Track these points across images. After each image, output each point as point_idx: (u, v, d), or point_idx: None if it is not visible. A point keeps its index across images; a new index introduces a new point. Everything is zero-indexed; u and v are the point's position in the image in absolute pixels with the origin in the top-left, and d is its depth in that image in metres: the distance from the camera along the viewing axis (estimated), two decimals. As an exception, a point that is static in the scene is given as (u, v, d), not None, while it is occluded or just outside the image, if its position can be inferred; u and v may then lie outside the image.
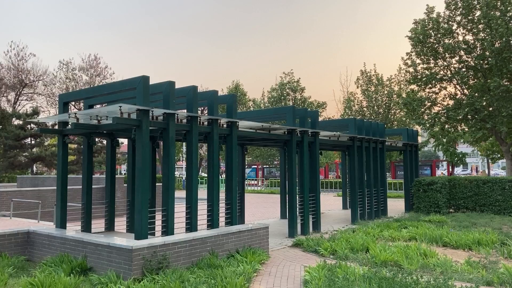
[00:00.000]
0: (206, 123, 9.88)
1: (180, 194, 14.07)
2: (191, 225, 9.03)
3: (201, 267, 7.68)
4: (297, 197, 12.81)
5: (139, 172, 8.06)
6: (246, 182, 46.64)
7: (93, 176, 12.04)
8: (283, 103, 39.08)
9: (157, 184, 11.94)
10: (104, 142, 29.06)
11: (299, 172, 13.24)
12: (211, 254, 8.25)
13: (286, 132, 12.53)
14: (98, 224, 11.25)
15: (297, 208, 12.72)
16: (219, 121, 9.99)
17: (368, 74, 37.66)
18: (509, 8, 19.84)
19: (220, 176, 19.54)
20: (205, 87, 43.38)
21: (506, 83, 20.54)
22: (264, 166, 52.77)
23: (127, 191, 11.34)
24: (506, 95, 20.19)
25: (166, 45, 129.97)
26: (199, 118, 9.51)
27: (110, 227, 11.09)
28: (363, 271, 6.99)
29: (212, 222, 9.58)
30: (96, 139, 12.19)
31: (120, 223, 11.77)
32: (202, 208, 9.93)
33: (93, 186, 11.13)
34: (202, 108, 21.26)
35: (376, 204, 16.81)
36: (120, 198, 17.08)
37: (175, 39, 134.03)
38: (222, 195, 10.48)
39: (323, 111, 41.30)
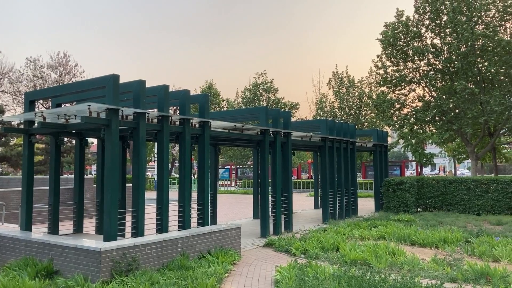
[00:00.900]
0: (177, 123, 9.78)
1: (152, 195, 13.89)
2: (161, 226, 8.92)
3: (171, 269, 7.60)
4: (270, 197, 12.87)
5: (109, 172, 7.90)
6: (219, 183, 46.61)
7: (61, 176, 11.72)
8: (256, 104, 39.18)
9: (127, 184, 11.76)
10: (73, 141, 28.40)
11: (271, 172, 13.30)
12: (182, 255, 8.17)
13: (259, 133, 12.56)
14: (66, 226, 10.96)
15: (270, 208, 12.79)
16: (191, 121, 9.91)
17: (340, 75, 38.23)
18: (474, 14, 20.56)
19: (192, 177, 19.39)
20: (178, 87, 43.00)
21: (471, 86, 21.25)
22: (238, 166, 52.72)
23: (96, 192, 11.10)
24: (471, 98, 20.89)
25: (141, 44, 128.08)
26: (170, 117, 9.41)
27: (78, 229, 10.83)
28: (333, 270, 7.09)
29: (184, 223, 9.50)
30: (65, 139, 11.89)
31: (89, 224, 11.50)
32: (174, 209, 9.84)
33: (61, 187, 10.83)
34: (174, 107, 21.07)
35: (347, 204, 17.07)
36: (90, 199, 16.70)
37: (149, 38, 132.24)
38: (195, 196, 10.43)
39: (296, 112, 41.65)
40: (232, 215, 18.69)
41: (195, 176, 28.50)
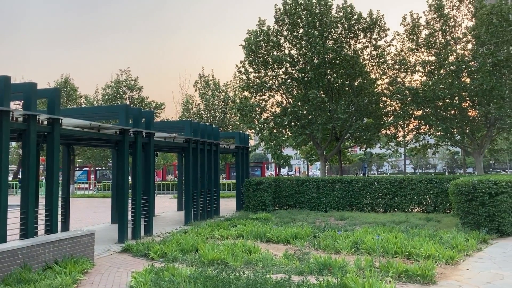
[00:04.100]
0: (21, 119, 8.72)
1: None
2: (-2, 236, 7.84)
3: (8, 284, 6.72)
4: (129, 200, 12.33)
5: None
6: (76, 186, 43.12)
7: None
8: (119, 102, 37.27)
9: None
10: None
11: (132, 174, 12.77)
12: (22, 267, 7.29)
13: (118, 132, 11.93)
14: None
15: (129, 212, 12.24)
16: (37, 117, 8.93)
17: (206, 78, 38.69)
18: (325, 29, 22.76)
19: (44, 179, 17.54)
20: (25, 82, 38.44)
21: (322, 95, 23.47)
22: (97, 168, 49.47)
23: None
24: (321, 106, 23.07)
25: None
26: (12, 113, 8.34)
27: None
28: (190, 271, 7.08)
29: (26, 231, 8.49)
30: None
31: None
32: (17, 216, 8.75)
33: None
34: (19, 102, 18.76)
35: (209, 205, 17.31)
36: None
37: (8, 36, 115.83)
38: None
39: (161, 112, 40.77)
40: (88, 221, 17.42)
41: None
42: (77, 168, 48.81)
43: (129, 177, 13.64)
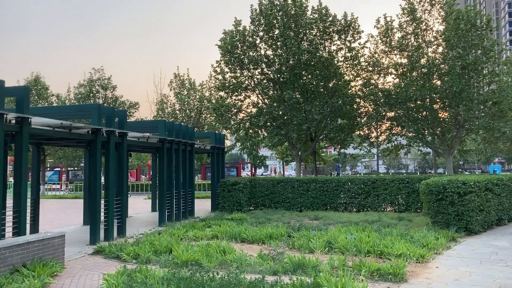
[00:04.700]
0: (-13, 118, 8.44)
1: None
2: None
3: (-27, 288, 6.49)
4: (102, 201, 12.11)
5: None
6: (47, 187, 42.00)
7: None
8: (92, 101, 36.54)
9: None
10: None
11: (105, 175, 12.54)
12: (-12, 271, 7.05)
13: (90, 132, 11.70)
14: None
15: (101, 213, 12.02)
16: (5, 116, 8.66)
17: (182, 78, 38.37)
18: (300, 31, 22.92)
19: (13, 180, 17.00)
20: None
21: (297, 95, 23.62)
22: (69, 168, 48.35)
23: None
24: (297, 106, 23.22)
25: None
26: (-23, 111, 8.06)
27: None
28: (163, 273, 7.00)
29: (-7, 234, 8.23)
30: None
31: None
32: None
33: None
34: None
35: (184, 205, 17.18)
36: None
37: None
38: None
39: (135, 111, 40.17)
40: (59, 222, 17.02)
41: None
42: (48, 169, 47.59)
43: (102, 178, 13.40)
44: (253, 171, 48.93)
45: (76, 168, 47.89)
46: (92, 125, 11.57)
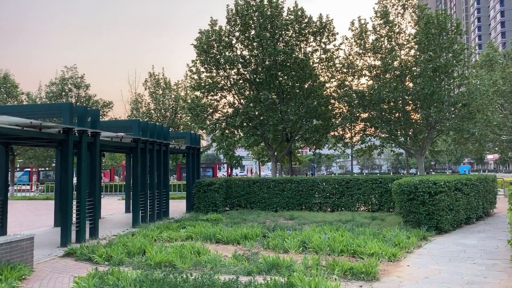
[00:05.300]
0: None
1: None
2: None
3: None
4: (74, 202, 11.85)
5: None
6: (17, 188, 40.76)
7: None
8: (64, 100, 35.70)
9: None
10: None
11: (77, 175, 12.28)
12: (-48, 276, 6.79)
13: (61, 131, 11.43)
14: None
15: (73, 214, 11.76)
16: (-29, 115, 8.37)
17: (157, 77, 37.96)
18: (276, 31, 23.03)
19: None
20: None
21: (273, 96, 23.73)
22: (40, 169, 47.08)
23: None
24: (273, 107, 23.33)
25: None
26: None
27: None
28: (136, 275, 6.90)
29: (-43, 237, 7.92)
30: None
31: None
32: None
33: None
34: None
35: (159, 206, 16.98)
36: None
37: None
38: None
39: (109, 110, 39.48)
40: (28, 224, 16.55)
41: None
42: (17, 169, 46.20)
43: (74, 178, 13.11)
44: (229, 171, 48.82)
45: (47, 169, 46.69)
46: (64, 125, 11.31)
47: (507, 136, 32.78)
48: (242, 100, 24.78)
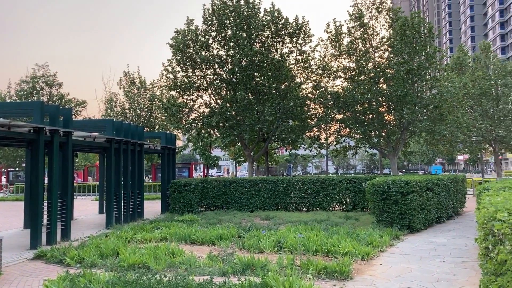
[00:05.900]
0: None
1: None
2: None
3: None
4: (45, 203, 11.56)
5: None
6: (-17, 188, 39.52)
7: None
8: (35, 98, 34.80)
9: None
10: None
11: (48, 175, 11.98)
12: None
13: (32, 131, 11.13)
14: None
15: (43, 216, 11.47)
16: None
17: (132, 76, 37.46)
18: (253, 32, 23.05)
19: None
20: None
21: (250, 96, 23.74)
22: (10, 169, 45.75)
23: None
24: (249, 107, 23.33)
25: None
26: None
27: None
28: (108, 277, 6.79)
29: None
30: None
31: None
32: None
33: None
34: None
35: (133, 207, 16.76)
36: None
37: None
38: None
39: (83, 110, 38.73)
40: (-3, 226, 16.04)
41: None
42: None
43: (46, 179, 12.79)
44: (205, 171, 48.55)
45: (17, 169, 45.42)
46: (34, 124, 11.02)
47: (476, 137, 33.80)
48: (218, 100, 24.69)
